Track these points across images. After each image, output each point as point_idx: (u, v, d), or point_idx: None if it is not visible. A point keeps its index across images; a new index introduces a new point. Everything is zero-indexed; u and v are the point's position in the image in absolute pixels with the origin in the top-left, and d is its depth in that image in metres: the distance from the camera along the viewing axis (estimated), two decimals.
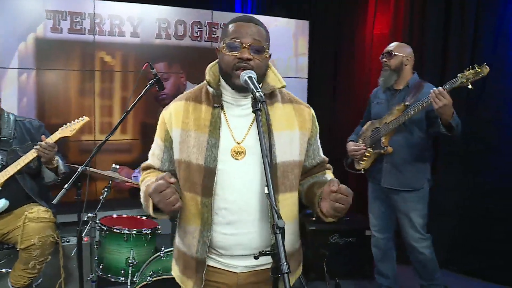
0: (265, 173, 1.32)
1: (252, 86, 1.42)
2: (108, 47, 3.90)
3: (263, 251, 1.31)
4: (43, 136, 2.75)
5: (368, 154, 3.18)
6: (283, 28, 4.53)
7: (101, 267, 2.85)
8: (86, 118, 2.79)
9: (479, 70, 2.64)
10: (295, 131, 1.62)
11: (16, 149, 2.80)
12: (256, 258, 1.33)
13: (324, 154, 1.83)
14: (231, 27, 1.56)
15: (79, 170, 2.25)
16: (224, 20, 4.32)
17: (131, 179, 3.71)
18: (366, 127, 3.28)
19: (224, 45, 1.53)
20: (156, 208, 1.49)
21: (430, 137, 3.10)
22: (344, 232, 3.81)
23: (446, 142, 3.79)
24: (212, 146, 1.52)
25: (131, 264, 2.82)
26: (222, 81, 1.60)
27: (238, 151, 1.54)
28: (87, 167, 2.28)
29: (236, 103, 1.59)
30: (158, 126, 1.68)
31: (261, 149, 1.36)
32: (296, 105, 1.68)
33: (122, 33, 3.91)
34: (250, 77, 1.46)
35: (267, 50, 1.55)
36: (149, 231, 2.91)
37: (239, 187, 1.53)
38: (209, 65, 1.66)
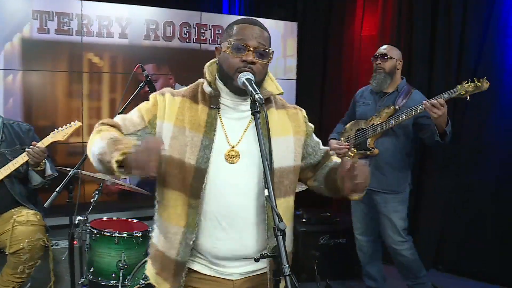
0: (265, 176, 1.32)
1: (250, 88, 1.41)
2: (96, 48, 3.85)
3: (264, 253, 1.31)
4: (34, 142, 2.71)
5: (352, 154, 3.19)
6: (271, 30, 4.41)
7: (91, 270, 2.82)
8: (78, 123, 2.76)
9: (479, 84, 2.68)
10: (290, 136, 1.62)
11: (5, 152, 2.76)
12: (256, 260, 1.33)
13: None
14: (236, 28, 1.54)
15: (71, 172, 2.22)
16: (213, 22, 4.31)
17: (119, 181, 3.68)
18: (350, 126, 3.30)
19: (229, 45, 1.51)
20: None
21: (414, 143, 3.14)
22: (334, 233, 3.83)
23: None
24: (205, 147, 1.50)
25: (122, 268, 2.79)
26: (219, 82, 1.59)
27: (232, 155, 1.52)
28: (79, 170, 2.25)
29: (234, 106, 1.57)
30: (145, 104, 1.59)
31: (260, 151, 1.35)
32: (289, 110, 1.68)
33: (111, 34, 3.87)
34: (248, 79, 1.45)
35: (270, 55, 1.55)
36: (140, 234, 2.89)
37: (232, 191, 1.51)
38: (207, 64, 1.63)
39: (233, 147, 1.53)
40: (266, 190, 1.31)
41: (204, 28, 4.26)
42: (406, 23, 4.20)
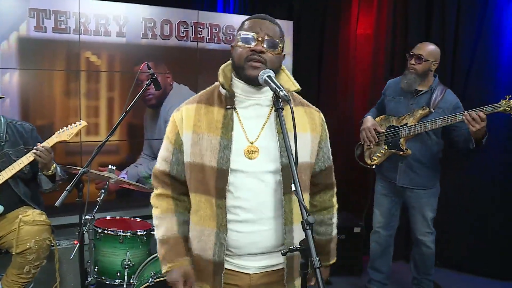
0: (291, 170, 1.35)
1: (274, 85, 1.43)
2: (94, 47, 3.82)
3: (293, 247, 1.33)
4: (38, 143, 2.69)
5: (383, 152, 3.21)
6: None
7: (96, 270, 2.80)
8: (83, 123, 2.75)
9: None
10: (307, 133, 1.65)
11: (8, 152, 2.73)
12: (284, 254, 1.36)
13: None
14: (246, 23, 1.58)
15: (81, 171, 2.22)
16: (210, 20, 4.31)
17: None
18: (380, 121, 3.29)
19: (239, 37, 1.55)
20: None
21: (444, 141, 3.16)
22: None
23: None
24: (224, 148, 1.53)
25: (127, 266, 2.80)
26: (234, 80, 1.61)
27: (252, 150, 1.56)
28: (89, 169, 2.24)
29: (249, 98, 1.59)
30: (168, 128, 1.69)
31: (285, 146, 1.39)
32: (307, 109, 1.71)
33: (108, 32, 3.85)
34: (269, 76, 1.48)
35: (281, 45, 1.57)
36: (144, 233, 2.89)
37: (252, 186, 1.55)
38: (222, 66, 1.66)
39: (251, 143, 1.56)
40: (293, 185, 1.33)
41: (201, 27, 4.25)
42: (401, 22, 4.26)
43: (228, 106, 1.58)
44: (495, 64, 3.86)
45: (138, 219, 3.14)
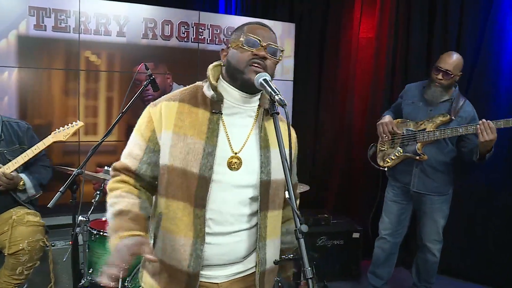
0: (285, 177, 1.31)
1: (269, 89, 1.40)
2: (94, 46, 3.80)
3: (285, 257, 1.30)
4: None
5: (397, 155, 3.18)
6: None
7: (90, 271, 2.78)
8: (80, 123, 2.72)
9: None
10: (285, 150, 1.60)
11: (4, 152, 2.70)
12: (276, 263, 1.33)
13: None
14: (247, 27, 1.54)
15: (74, 172, 2.19)
16: (211, 21, 4.28)
17: None
18: (397, 124, 3.25)
19: (241, 40, 1.49)
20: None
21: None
22: (331, 235, 3.84)
23: None
24: (208, 154, 1.46)
25: (122, 269, 2.75)
26: (225, 84, 1.54)
27: (235, 162, 1.49)
28: (83, 170, 2.21)
29: (237, 106, 1.53)
30: (141, 123, 1.55)
31: (280, 153, 1.35)
32: (286, 125, 1.61)
33: (108, 32, 3.82)
34: (265, 80, 1.44)
35: (281, 54, 1.54)
36: None
37: (228, 198, 1.49)
38: (210, 66, 1.60)
39: (236, 153, 1.50)
40: (287, 192, 1.30)
41: (202, 28, 4.23)
42: (404, 25, 4.23)
43: (215, 110, 1.50)
44: (497, 69, 3.84)
45: None
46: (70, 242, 3.21)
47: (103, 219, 3.08)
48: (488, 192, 3.85)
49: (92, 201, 2.52)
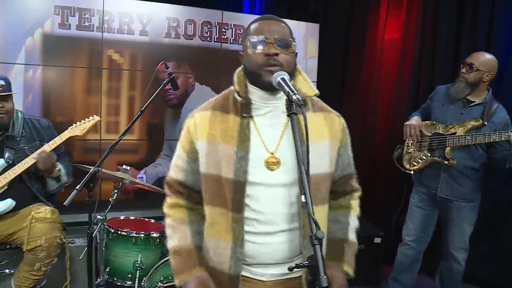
0: (302, 181, 1.26)
1: (287, 89, 1.35)
2: (117, 45, 3.81)
3: (300, 263, 1.26)
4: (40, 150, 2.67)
5: (425, 158, 3.09)
6: (293, 30, 4.45)
7: (107, 270, 2.78)
8: (97, 118, 2.71)
9: None
10: (326, 141, 1.55)
11: (24, 148, 2.72)
12: (290, 270, 1.28)
13: None
14: (252, 26, 1.50)
15: (91, 170, 2.18)
16: (234, 21, 4.25)
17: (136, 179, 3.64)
18: (425, 126, 3.16)
19: (248, 43, 1.46)
20: None
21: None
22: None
23: None
24: (241, 159, 1.45)
25: (139, 268, 2.76)
26: (249, 87, 1.52)
27: (273, 162, 1.48)
28: (100, 168, 2.20)
29: (266, 105, 1.51)
30: (182, 135, 1.61)
31: (296, 155, 1.30)
32: (327, 114, 1.60)
33: (131, 31, 3.83)
34: (283, 79, 1.39)
35: (294, 44, 1.49)
36: (157, 235, 2.85)
37: (270, 198, 1.48)
38: (236, 71, 1.59)
39: (272, 153, 1.49)
40: (303, 196, 1.25)
41: (225, 27, 4.20)
42: (431, 26, 4.11)
43: (244, 114, 1.51)
44: None
45: (153, 220, 3.09)
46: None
47: (121, 218, 3.09)
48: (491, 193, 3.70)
49: (110, 199, 2.51)
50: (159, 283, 2.36)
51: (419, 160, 3.12)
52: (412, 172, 3.18)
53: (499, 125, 2.90)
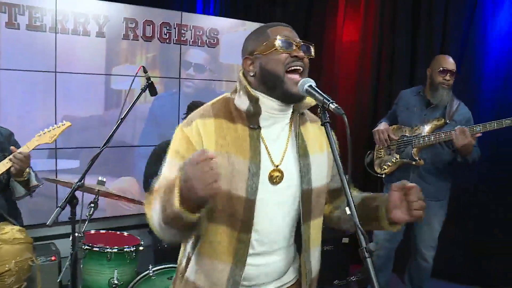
0: (345, 192, 1.20)
1: (321, 97, 1.28)
2: (71, 46, 3.56)
3: (349, 278, 1.21)
4: (12, 147, 2.41)
5: (394, 161, 3.14)
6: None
7: None
8: (67, 123, 2.47)
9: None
10: (325, 152, 1.51)
11: None
12: (338, 285, 1.23)
13: None
14: (272, 30, 1.41)
15: (74, 185, 1.99)
16: (193, 22, 4.13)
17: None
18: (392, 130, 3.21)
19: (276, 43, 1.36)
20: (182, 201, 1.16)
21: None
22: (322, 241, 3.76)
23: None
24: (253, 175, 1.34)
25: (115, 286, 2.59)
26: (261, 96, 1.38)
27: (276, 176, 1.38)
28: (83, 183, 2.02)
29: (273, 116, 1.40)
30: (177, 145, 1.39)
31: (336, 165, 1.25)
32: (318, 123, 1.49)
33: (87, 32, 3.60)
34: (311, 86, 1.34)
35: (313, 50, 1.46)
36: (133, 249, 2.70)
37: (271, 215, 1.39)
38: (240, 77, 1.43)
39: (276, 166, 1.39)
40: (347, 208, 1.19)
41: (185, 29, 4.07)
42: (388, 29, 4.23)
43: (253, 126, 1.38)
44: (481, 72, 3.88)
45: (125, 233, 2.92)
46: (53, 258, 3.00)
47: (92, 232, 2.89)
48: (470, 191, 3.88)
49: (86, 215, 2.30)
50: None
51: (389, 163, 3.19)
52: (383, 176, 3.26)
53: (461, 122, 3.00)
